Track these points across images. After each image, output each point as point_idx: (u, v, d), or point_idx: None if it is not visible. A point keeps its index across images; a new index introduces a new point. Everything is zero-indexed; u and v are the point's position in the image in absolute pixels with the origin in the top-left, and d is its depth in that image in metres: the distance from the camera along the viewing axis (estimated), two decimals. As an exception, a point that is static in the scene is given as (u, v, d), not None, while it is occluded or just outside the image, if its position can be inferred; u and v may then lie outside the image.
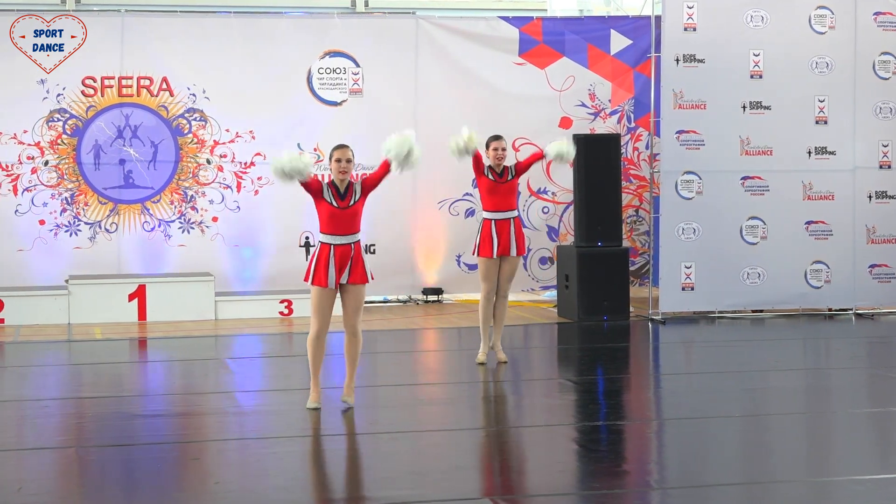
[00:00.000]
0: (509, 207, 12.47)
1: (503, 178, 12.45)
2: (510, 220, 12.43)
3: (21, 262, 16.17)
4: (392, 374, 12.76)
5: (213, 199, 16.64)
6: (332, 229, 10.33)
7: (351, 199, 10.36)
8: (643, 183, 17.32)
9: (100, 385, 12.19)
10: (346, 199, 10.35)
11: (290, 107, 16.74)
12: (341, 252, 10.28)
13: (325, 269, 10.28)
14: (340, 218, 10.32)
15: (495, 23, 17.24)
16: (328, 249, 10.30)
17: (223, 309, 16.01)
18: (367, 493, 8.16)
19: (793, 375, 12.28)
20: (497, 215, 12.44)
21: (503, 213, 12.44)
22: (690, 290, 15.72)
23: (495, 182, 12.44)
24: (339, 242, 10.30)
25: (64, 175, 16.32)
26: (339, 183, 10.38)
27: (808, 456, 9.24)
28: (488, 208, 12.50)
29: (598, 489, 8.16)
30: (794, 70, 15.84)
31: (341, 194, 10.36)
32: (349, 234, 10.35)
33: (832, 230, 15.98)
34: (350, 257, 10.30)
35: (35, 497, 8.02)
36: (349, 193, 10.38)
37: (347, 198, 10.36)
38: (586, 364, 13.31)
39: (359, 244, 10.42)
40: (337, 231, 10.32)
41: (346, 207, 10.33)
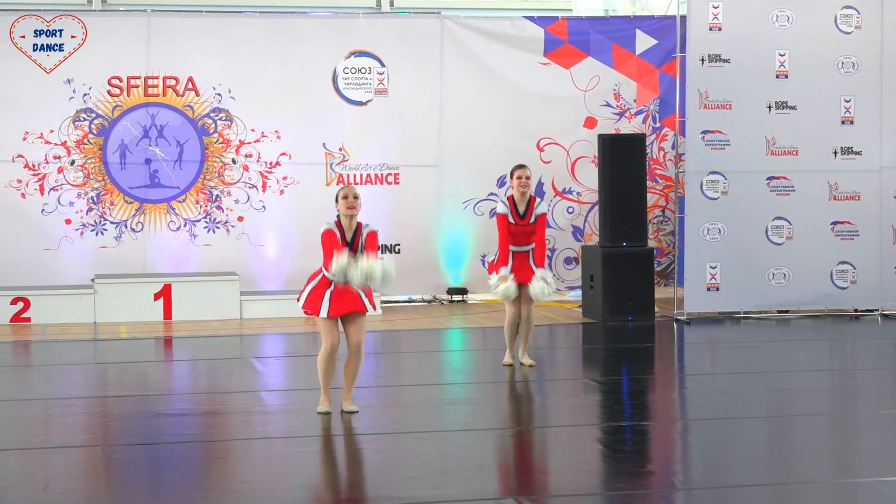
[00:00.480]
0: (528, 243, 12.25)
1: (524, 221, 12.20)
2: (528, 252, 12.23)
3: (47, 261, 16.24)
4: (417, 374, 12.77)
5: (239, 199, 16.67)
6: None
7: (357, 246, 10.15)
8: (668, 183, 17.29)
9: (125, 384, 12.23)
10: (353, 245, 10.14)
11: (315, 106, 16.77)
12: (341, 289, 10.09)
13: (319, 299, 10.12)
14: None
15: (520, 22, 17.23)
16: (328, 284, 10.13)
17: (248, 308, 16.04)
18: (391, 493, 8.16)
19: (818, 376, 12.24)
20: (515, 248, 12.25)
21: (522, 247, 12.26)
22: (716, 290, 15.68)
23: (516, 225, 12.20)
24: (341, 281, 10.08)
25: (90, 174, 16.37)
26: (346, 223, 10.15)
27: (834, 457, 9.21)
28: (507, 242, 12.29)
29: (622, 489, 8.15)
30: (819, 70, 15.79)
31: (349, 241, 10.14)
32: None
33: (858, 230, 15.92)
34: (352, 292, 10.10)
35: (61, 495, 8.05)
36: (356, 240, 10.17)
37: (354, 245, 10.15)
38: (611, 364, 13.30)
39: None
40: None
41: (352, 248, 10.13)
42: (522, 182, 12.22)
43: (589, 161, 17.12)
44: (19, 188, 16.20)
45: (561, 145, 17.18)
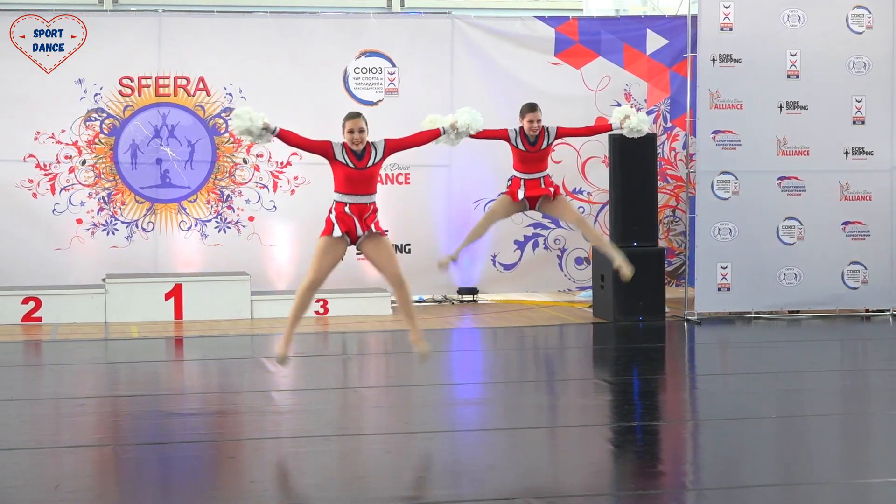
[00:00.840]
0: (541, 170, 12.15)
1: (536, 147, 12.12)
2: (540, 178, 12.12)
3: (58, 260, 16.26)
4: (427, 374, 12.76)
5: (250, 199, 16.69)
6: (347, 189, 10.23)
7: (369, 159, 10.23)
8: (679, 183, 17.27)
9: (136, 383, 12.24)
10: (363, 159, 10.22)
11: (326, 106, 16.74)
12: (357, 209, 10.22)
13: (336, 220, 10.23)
14: (357, 179, 10.21)
15: (531, 22, 17.22)
16: (343, 205, 10.25)
17: (259, 308, 16.05)
18: (402, 493, 8.16)
19: (830, 376, 12.23)
20: (527, 175, 12.14)
21: (533, 174, 12.14)
22: (726, 290, 15.66)
23: (527, 151, 12.10)
24: (355, 202, 10.23)
25: (101, 174, 16.40)
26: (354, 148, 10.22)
27: (846, 457, 9.20)
28: (517, 169, 12.21)
29: (633, 490, 8.15)
30: (831, 70, 15.76)
31: (358, 155, 10.21)
32: (366, 194, 10.25)
33: (869, 231, 15.90)
34: (367, 214, 10.22)
35: (72, 495, 8.06)
36: (367, 155, 10.23)
37: (365, 158, 10.22)
38: (622, 364, 13.29)
39: (375, 205, 10.30)
40: (353, 191, 10.24)
41: (363, 168, 10.22)
42: (533, 126, 12.08)
43: (599, 161, 17.11)
44: (30, 188, 16.22)
45: (571, 145, 17.16)
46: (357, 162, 10.23)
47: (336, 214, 10.29)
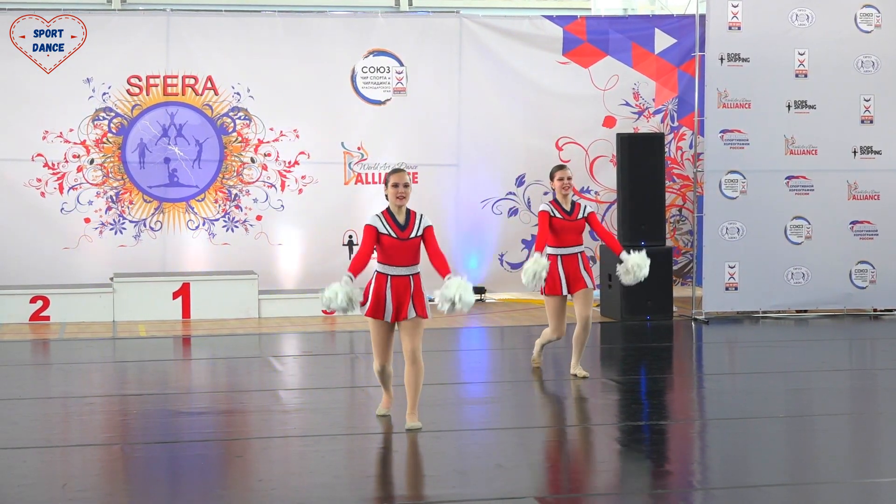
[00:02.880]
0: (577, 243, 11.69)
1: (573, 216, 11.64)
2: (577, 254, 11.67)
3: (66, 259, 16.28)
4: (435, 373, 12.75)
5: (258, 198, 16.70)
6: (390, 260, 9.56)
7: (412, 230, 9.58)
8: (687, 182, 17.26)
9: (144, 382, 12.25)
10: (406, 229, 9.57)
11: (334, 106, 16.79)
12: (399, 284, 9.57)
13: (380, 300, 9.55)
14: (400, 249, 9.54)
15: (539, 21, 17.22)
16: (385, 280, 9.55)
17: (266, 307, 16.06)
18: (410, 492, 8.16)
19: (837, 376, 12.21)
20: (563, 251, 11.65)
21: (570, 248, 11.68)
22: (734, 289, 15.65)
23: (563, 219, 11.61)
24: (397, 274, 9.57)
25: (109, 173, 16.41)
26: (395, 211, 9.58)
27: (854, 457, 9.19)
28: (554, 244, 11.63)
29: (640, 489, 8.15)
30: (839, 69, 15.75)
31: (401, 225, 9.57)
32: (409, 265, 9.62)
33: (877, 230, 15.89)
34: (410, 291, 9.60)
35: (80, 493, 8.07)
36: (410, 224, 9.60)
37: (409, 229, 9.58)
38: (629, 364, 13.29)
39: (418, 276, 9.65)
40: (396, 262, 9.58)
41: (406, 239, 9.57)
42: (565, 184, 11.66)
43: (607, 160, 17.10)
44: (39, 187, 16.24)
45: (579, 144, 17.16)
46: (400, 232, 9.56)
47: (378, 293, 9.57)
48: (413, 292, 9.61)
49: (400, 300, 9.56)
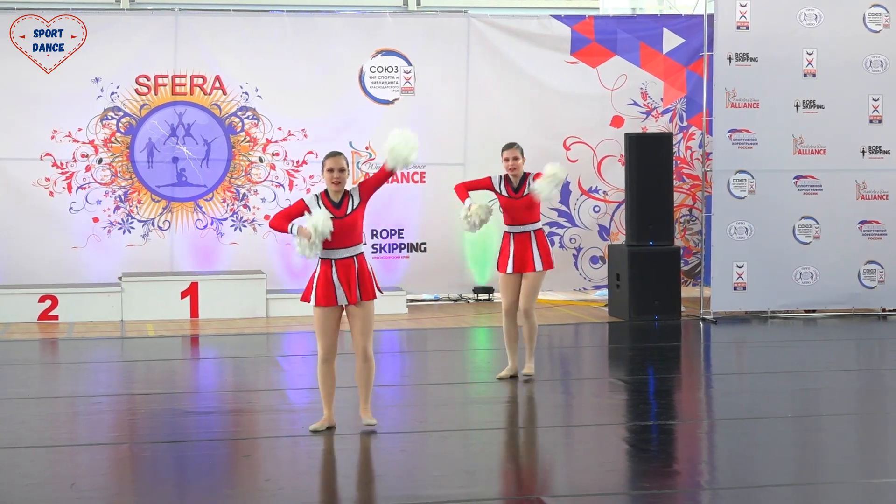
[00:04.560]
0: (529, 220, 11.62)
1: (519, 194, 11.59)
2: (530, 233, 11.63)
3: (75, 259, 16.30)
4: (442, 373, 12.77)
5: (266, 198, 16.71)
6: (331, 243, 9.47)
7: (348, 207, 9.54)
8: (695, 182, 17.25)
9: (152, 382, 12.26)
10: (341, 208, 9.53)
11: (341, 105, 16.80)
12: (344, 266, 9.55)
13: (329, 285, 9.50)
14: (339, 230, 9.44)
15: (547, 21, 17.21)
16: (329, 265, 9.53)
17: (274, 307, 16.07)
18: (417, 491, 8.17)
19: (845, 376, 12.20)
20: (516, 229, 11.64)
21: (522, 226, 11.62)
22: (742, 289, 15.64)
23: (510, 198, 11.62)
24: (340, 256, 9.53)
25: (117, 173, 16.43)
26: (332, 194, 9.56)
27: (861, 457, 9.18)
28: (508, 223, 11.69)
29: (648, 489, 8.14)
30: (847, 68, 15.72)
31: (336, 204, 9.52)
32: (350, 245, 9.56)
33: (886, 230, 15.86)
34: (355, 272, 9.55)
35: (88, 493, 8.08)
36: (345, 202, 9.54)
37: (343, 207, 9.53)
38: (637, 363, 13.28)
39: (362, 256, 9.62)
40: (337, 244, 9.49)
41: (342, 217, 9.50)
42: (510, 164, 11.60)
43: (615, 160, 17.09)
44: (47, 186, 16.26)
45: (587, 144, 17.16)
46: (336, 211, 9.53)
47: (323, 279, 9.55)
48: (358, 272, 9.55)
49: (349, 281, 9.51)
